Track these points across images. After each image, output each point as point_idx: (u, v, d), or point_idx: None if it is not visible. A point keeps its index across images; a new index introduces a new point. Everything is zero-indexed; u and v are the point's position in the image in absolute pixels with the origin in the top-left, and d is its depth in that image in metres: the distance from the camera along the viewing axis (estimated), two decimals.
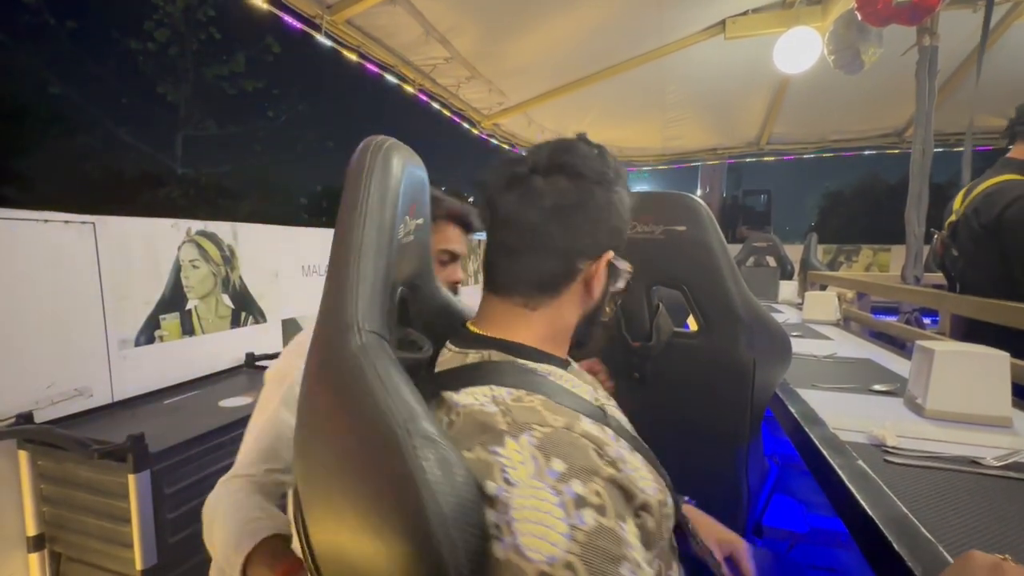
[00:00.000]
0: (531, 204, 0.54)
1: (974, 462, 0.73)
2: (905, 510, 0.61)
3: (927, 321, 2.25)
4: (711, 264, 0.87)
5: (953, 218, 1.46)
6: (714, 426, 0.83)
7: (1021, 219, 1.29)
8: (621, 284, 0.62)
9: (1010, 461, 0.73)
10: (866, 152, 4.33)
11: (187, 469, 1.31)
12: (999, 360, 0.89)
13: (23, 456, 1.31)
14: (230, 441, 1.43)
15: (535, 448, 0.40)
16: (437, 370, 0.55)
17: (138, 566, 1.20)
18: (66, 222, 1.48)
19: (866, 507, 0.62)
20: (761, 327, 0.86)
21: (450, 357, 0.55)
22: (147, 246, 1.71)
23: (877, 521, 0.59)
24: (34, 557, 1.33)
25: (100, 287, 1.56)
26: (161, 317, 1.75)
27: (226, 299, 2.03)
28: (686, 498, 0.70)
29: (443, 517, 0.35)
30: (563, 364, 0.58)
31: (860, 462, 0.74)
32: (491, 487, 0.39)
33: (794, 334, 1.80)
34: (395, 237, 0.50)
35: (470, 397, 0.46)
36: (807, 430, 0.86)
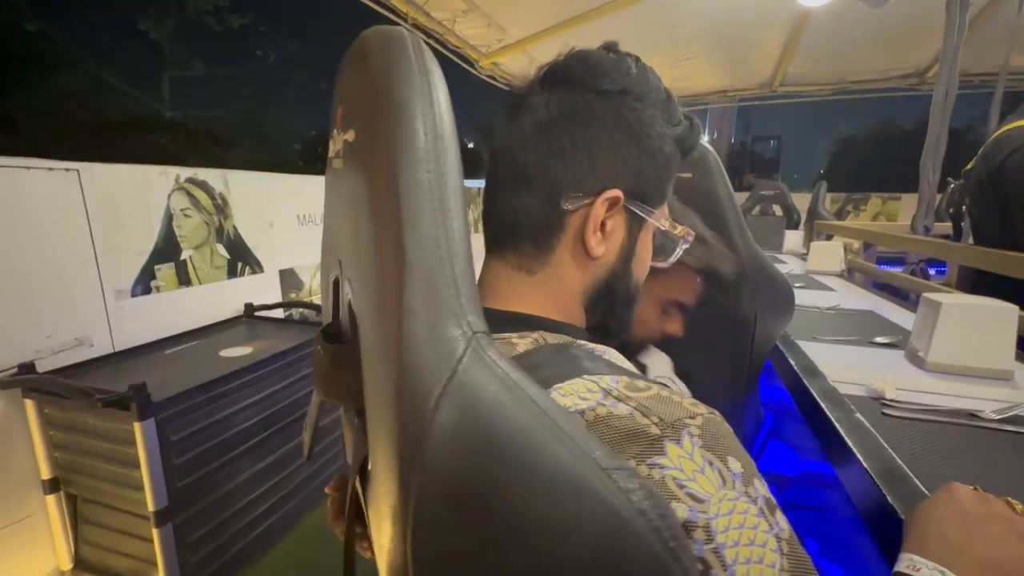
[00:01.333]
0: (518, 126, 0.44)
1: (972, 415, 0.73)
2: (900, 462, 0.61)
3: (932, 272, 2.22)
4: (717, 213, 0.83)
5: (969, 166, 1.40)
6: (712, 379, 0.82)
7: (1020, 168, 1.23)
8: (662, 253, 0.49)
9: (1009, 414, 0.72)
10: (884, 94, 4.13)
11: (192, 417, 1.34)
12: (1007, 313, 0.87)
13: (29, 405, 1.33)
14: (233, 390, 1.45)
15: (704, 450, 0.32)
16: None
17: (150, 507, 1.25)
18: (49, 169, 1.43)
19: (862, 460, 0.62)
20: (765, 280, 0.84)
21: (491, 344, 0.43)
22: (136, 195, 1.67)
23: (872, 474, 0.59)
24: (51, 498, 1.38)
25: (91, 237, 1.53)
26: (156, 267, 1.73)
27: (221, 249, 2.01)
28: None
29: (671, 554, 0.26)
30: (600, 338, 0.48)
31: (858, 415, 0.73)
32: (681, 510, 0.30)
33: (797, 285, 1.78)
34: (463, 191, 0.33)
35: (576, 398, 0.35)
36: (806, 383, 0.85)
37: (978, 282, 1.41)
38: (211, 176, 1.95)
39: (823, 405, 0.77)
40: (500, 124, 0.47)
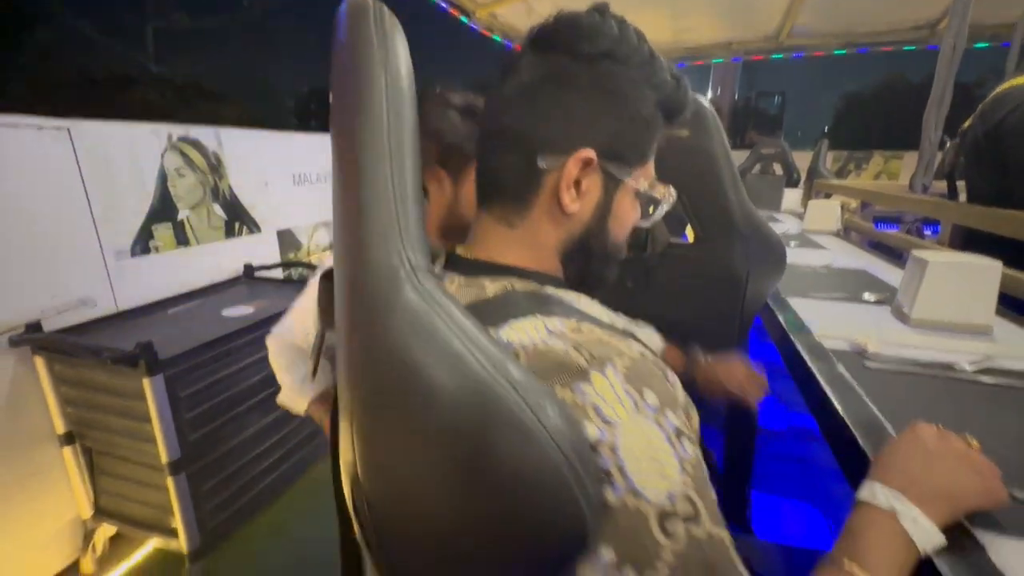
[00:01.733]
0: (506, 87, 0.47)
1: (949, 367, 0.76)
2: (876, 411, 0.64)
3: (928, 232, 2.23)
4: (713, 173, 0.83)
5: (966, 124, 1.39)
6: (703, 335, 0.85)
7: (1020, 127, 1.21)
8: (643, 214, 0.51)
9: (984, 366, 0.76)
10: (894, 47, 4.00)
11: (199, 374, 1.38)
12: (991, 269, 0.89)
13: (40, 362, 1.37)
14: (237, 348, 1.49)
15: (625, 382, 0.36)
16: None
17: (163, 459, 1.31)
18: (39, 127, 1.40)
19: (840, 409, 0.65)
20: (759, 238, 0.85)
21: (457, 290, 0.47)
22: (128, 154, 1.65)
23: (848, 422, 0.62)
24: (67, 451, 1.44)
25: (87, 197, 1.52)
26: (153, 227, 1.73)
27: (217, 209, 2.00)
28: None
29: (571, 466, 0.32)
30: (578, 287, 0.52)
31: (840, 367, 0.77)
32: (591, 430, 0.34)
33: (792, 244, 1.79)
34: (417, 152, 0.38)
35: (522, 333, 0.40)
36: (793, 338, 0.89)
37: (970, 241, 1.42)
38: (204, 134, 1.92)
39: (807, 359, 0.80)
40: (493, 84, 0.49)
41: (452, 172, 0.76)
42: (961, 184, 1.48)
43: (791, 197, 2.73)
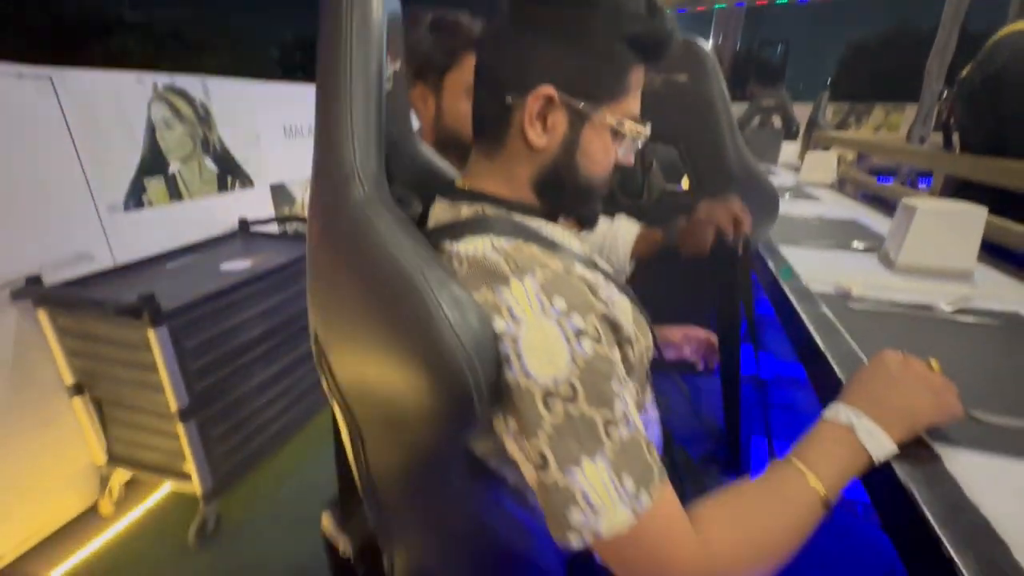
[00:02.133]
0: (486, 29, 0.52)
1: (928, 308, 0.79)
2: (855, 347, 0.68)
3: (923, 185, 2.24)
4: (711, 120, 0.83)
5: (964, 72, 1.37)
6: (694, 283, 0.88)
7: (1017, 75, 1.20)
8: (610, 145, 0.52)
9: (960, 307, 0.79)
10: None
11: (202, 326, 1.40)
12: (976, 215, 0.92)
13: (42, 315, 1.38)
14: (238, 301, 1.51)
15: (539, 288, 0.43)
16: (432, 225, 0.55)
17: (172, 408, 1.35)
18: (19, 75, 1.36)
19: (822, 347, 0.68)
20: (754, 186, 0.86)
21: (442, 212, 0.55)
22: (115, 104, 1.60)
23: (830, 359, 0.66)
24: (77, 401, 1.48)
25: (75, 149, 1.49)
26: (145, 181, 1.71)
27: (209, 162, 1.97)
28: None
29: (464, 351, 0.40)
30: (552, 217, 0.57)
31: (824, 309, 0.80)
32: (500, 324, 0.42)
33: (786, 196, 1.80)
34: (384, 81, 0.48)
35: (471, 246, 0.47)
36: (781, 283, 0.91)
37: (960, 194, 1.44)
38: (190, 83, 1.86)
39: (794, 301, 0.83)
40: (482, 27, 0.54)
41: (431, 87, 0.79)
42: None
43: (788, 150, 2.72)
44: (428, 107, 0.80)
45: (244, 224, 2.05)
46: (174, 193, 1.82)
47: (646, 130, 0.54)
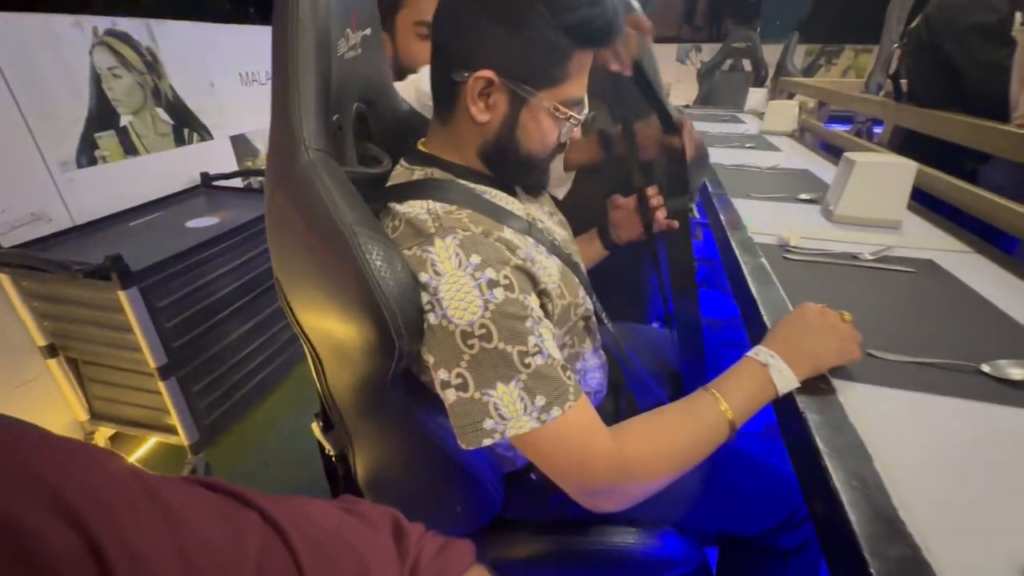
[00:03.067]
0: (440, 5, 0.56)
1: (854, 257, 0.88)
2: (783, 295, 0.76)
3: (878, 131, 2.31)
4: (637, 76, 0.86)
5: (914, 24, 1.40)
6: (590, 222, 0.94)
7: (966, 27, 1.24)
8: (550, 125, 0.56)
9: (881, 255, 0.88)
10: None
11: (174, 284, 1.41)
12: (906, 168, 0.99)
13: (4, 279, 1.37)
14: (209, 258, 1.51)
15: (457, 246, 0.51)
16: (389, 184, 0.61)
17: (151, 365, 1.38)
18: None
19: (755, 295, 0.76)
20: None
21: (400, 173, 0.61)
22: (52, 51, 1.51)
23: (760, 305, 0.74)
24: (52, 363, 1.49)
25: (15, 101, 1.41)
26: (96, 136, 1.64)
27: (162, 114, 1.88)
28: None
29: (385, 298, 0.47)
30: (503, 184, 0.62)
31: (762, 259, 0.87)
32: (424, 277, 0.50)
33: (747, 145, 1.85)
34: (333, 54, 0.53)
35: (410, 207, 0.55)
36: (729, 235, 0.98)
37: (907, 144, 1.51)
38: (133, 27, 1.75)
39: (737, 252, 0.90)
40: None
41: (387, 29, 0.80)
42: None
43: (755, 97, 2.73)
44: (387, 49, 0.81)
45: (206, 178, 2.00)
46: (129, 148, 1.75)
47: (582, 116, 0.58)
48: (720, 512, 0.67)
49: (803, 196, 1.22)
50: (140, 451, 1.70)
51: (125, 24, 1.72)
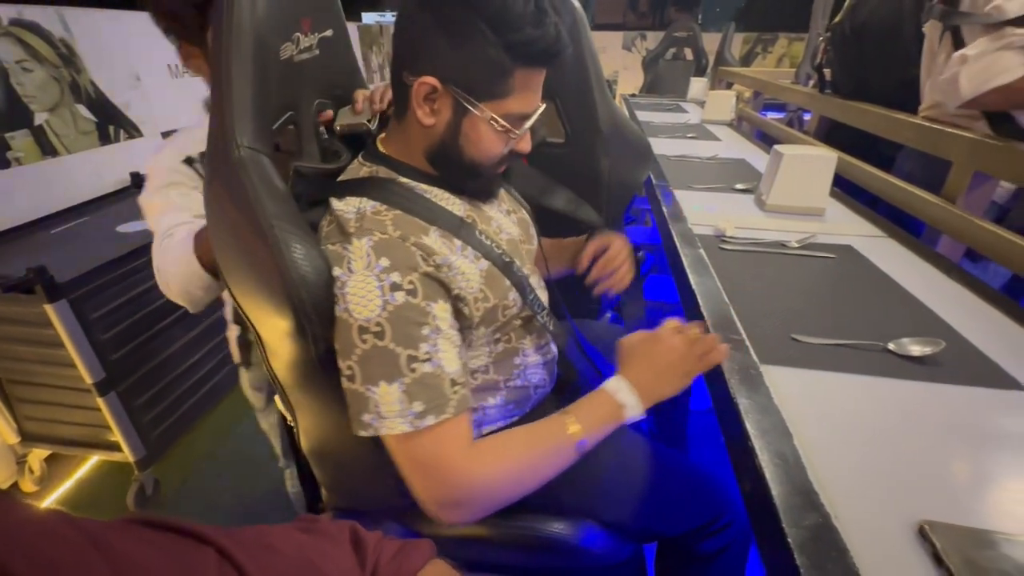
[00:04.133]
0: (400, 9, 0.58)
1: (782, 245, 0.94)
2: (719, 285, 0.81)
3: (807, 118, 2.45)
4: (581, 75, 0.88)
5: (837, 18, 1.50)
6: (576, 225, 0.97)
7: (879, 24, 1.34)
8: (495, 136, 0.58)
9: (806, 242, 0.95)
10: None
11: (108, 294, 1.33)
12: (828, 159, 1.07)
13: None
14: (145, 265, 1.43)
15: (371, 248, 0.54)
16: (341, 178, 0.64)
17: (87, 381, 1.31)
18: None
19: (693, 285, 0.81)
20: (620, 137, 0.94)
21: (353, 169, 0.64)
22: None
23: (698, 295, 0.78)
24: None
25: None
26: (8, 136, 1.51)
27: (83, 110, 1.75)
28: None
29: (298, 288, 0.52)
30: (447, 183, 0.64)
31: (701, 250, 0.92)
32: (337, 271, 0.54)
33: (689, 135, 1.92)
34: (273, 59, 0.56)
35: (344, 205, 0.59)
36: (670, 226, 1.03)
37: (832, 133, 1.62)
38: (43, 16, 1.61)
39: (677, 244, 0.95)
40: None
41: (199, 44, 0.77)
42: None
43: (697, 86, 2.83)
44: (202, 66, 0.79)
45: (137, 178, 1.88)
46: (47, 148, 1.63)
47: (519, 133, 0.59)
48: (642, 511, 0.71)
49: (739, 186, 1.29)
50: (81, 471, 1.61)
51: (34, 13, 1.58)
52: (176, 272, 0.77)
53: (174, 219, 0.78)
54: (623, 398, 0.61)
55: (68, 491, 1.55)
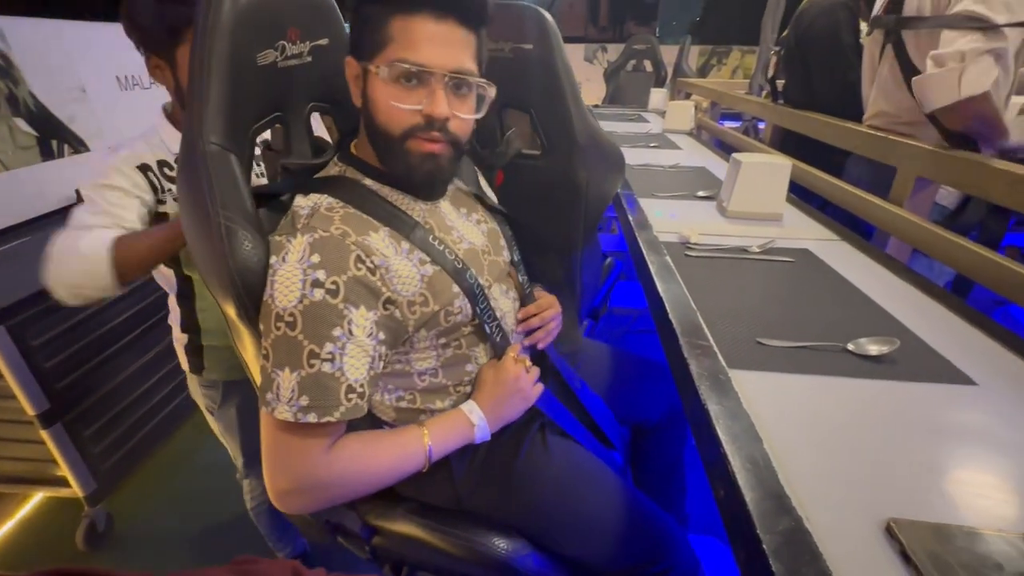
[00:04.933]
0: None
1: (744, 250, 0.97)
2: (684, 289, 0.82)
3: (762, 126, 2.55)
4: (556, 86, 0.89)
5: (784, 33, 1.58)
6: (552, 236, 0.97)
7: (819, 37, 1.44)
8: (393, 94, 0.58)
9: (767, 247, 0.98)
10: None
11: (51, 319, 1.26)
12: (783, 167, 1.11)
13: None
14: None
15: (308, 244, 0.57)
16: (316, 175, 0.67)
17: (29, 412, 1.22)
18: None
19: (660, 291, 0.82)
20: (596, 147, 0.95)
21: (327, 167, 0.68)
22: None
23: (665, 302, 0.79)
24: None
25: None
26: None
27: (22, 124, 1.65)
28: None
29: (234, 274, 0.56)
30: (412, 188, 0.67)
31: (667, 257, 0.94)
32: (273, 259, 0.57)
33: (651, 145, 1.97)
34: (252, 63, 0.60)
35: (306, 200, 0.62)
36: (636, 235, 1.04)
37: (785, 140, 1.69)
38: None
39: (644, 251, 0.96)
40: None
41: (166, 58, 0.80)
42: None
43: (657, 97, 2.91)
44: (167, 78, 0.82)
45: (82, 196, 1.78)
46: None
47: (412, 67, 0.57)
48: (574, 538, 0.71)
49: (701, 193, 1.32)
50: (24, 509, 1.49)
51: None
52: (77, 268, 0.76)
53: (98, 221, 0.79)
54: (474, 419, 0.68)
55: (10, 532, 1.43)
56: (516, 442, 0.73)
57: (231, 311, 0.59)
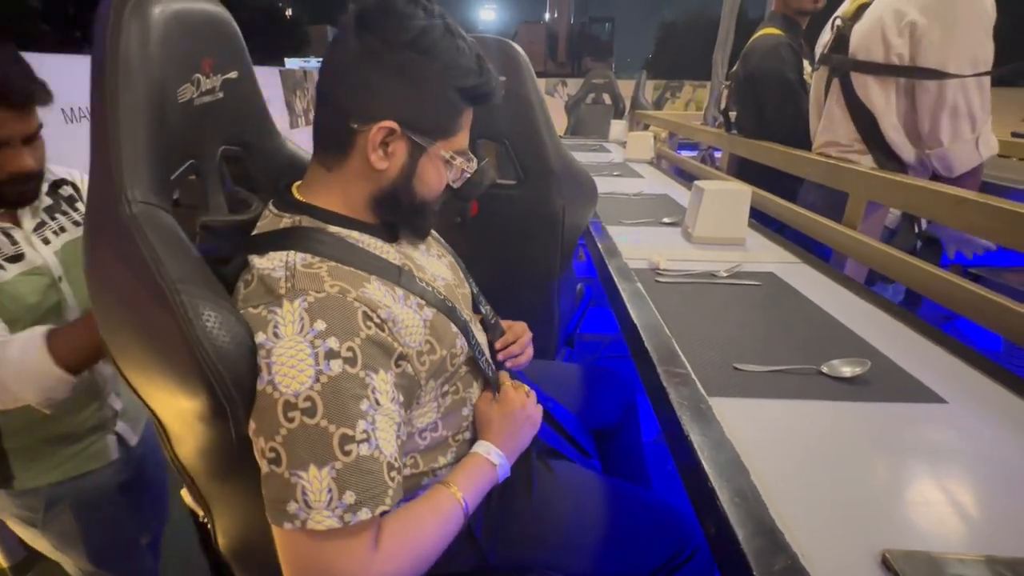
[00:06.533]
0: (330, 54, 0.56)
1: (712, 275, 0.98)
2: (658, 316, 0.82)
3: (718, 155, 2.67)
4: (529, 118, 0.90)
5: (734, 68, 1.67)
6: (530, 265, 0.96)
7: (766, 73, 1.53)
8: (443, 173, 0.60)
9: (734, 271, 0.99)
10: None
11: None
12: (743, 193, 1.14)
13: None
14: None
15: (304, 311, 0.48)
16: (255, 232, 0.58)
17: None
18: None
19: (634, 318, 0.81)
20: (571, 176, 0.96)
21: (269, 220, 0.58)
22: None
23: (639, 328, 0.78)
24: None
25: None
26: None
27: None
28: None
29: (213, 360, 0.44)
30: (379, 231, 0.61)
31: (638, 284, 0.94)
32: (261, 337, 0.47)
33: (614, 173, 2.01)
34: (169, 100, 0.50)
35: (268, 261, 0.52)
36: (607, 262, 1.04)
37: (742, 168, 1.76)
38: None
39: (615, 279, 0.96)
40: (326, 49, 0.57)
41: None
42: None
43: (617, 128, 3.01)
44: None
45: None
46: None
47: (473, 165, 0.63)
48: (609, 555, 0.70)
49: (666, 220, 1.35)
50: None
51: None
52: (26, 388, 0.65)
53: None
54: (494, 458, 0.63)
55: None
56: (525, 477, 0.70)
57: (193, 407, 0.47)
